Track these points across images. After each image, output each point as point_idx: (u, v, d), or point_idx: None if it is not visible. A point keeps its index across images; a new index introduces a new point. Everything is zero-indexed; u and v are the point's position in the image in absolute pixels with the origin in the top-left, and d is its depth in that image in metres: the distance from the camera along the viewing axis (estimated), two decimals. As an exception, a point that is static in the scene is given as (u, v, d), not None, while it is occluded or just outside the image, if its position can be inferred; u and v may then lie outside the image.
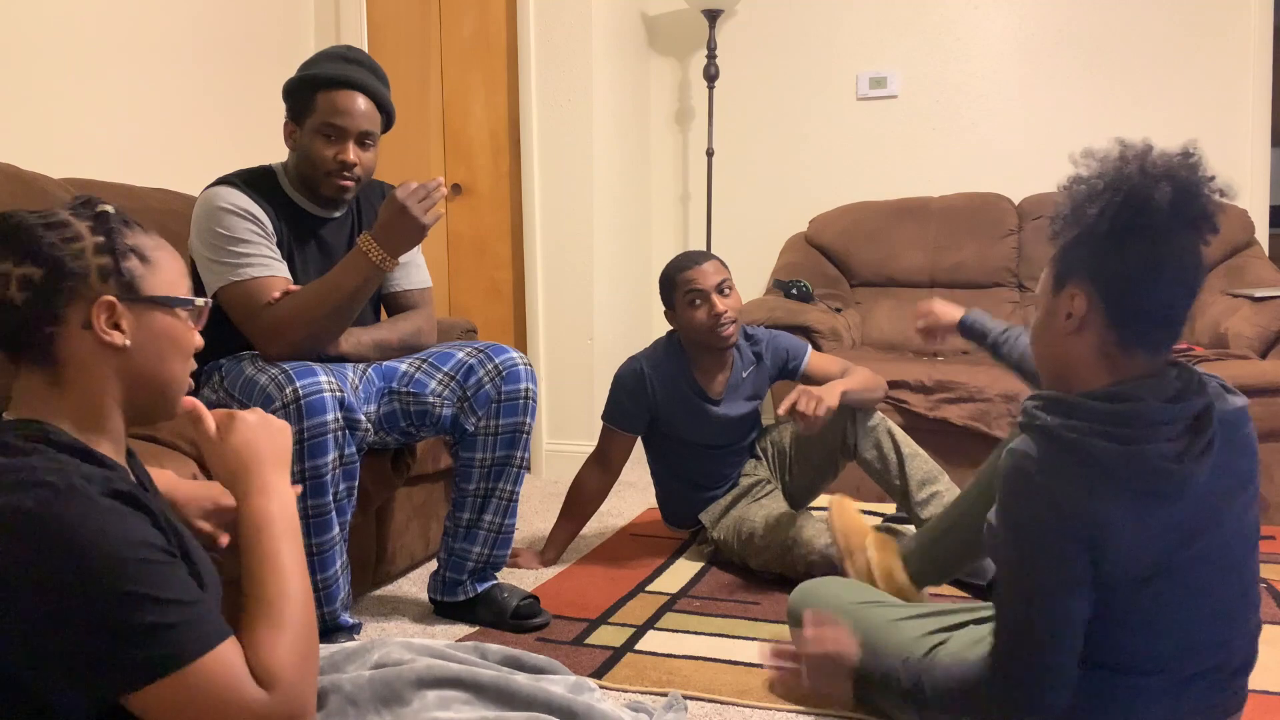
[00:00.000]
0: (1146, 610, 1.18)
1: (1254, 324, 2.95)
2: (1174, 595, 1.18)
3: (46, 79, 2.59)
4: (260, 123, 3.22)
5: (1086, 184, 1.18)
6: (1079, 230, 1.19)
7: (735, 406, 2.47)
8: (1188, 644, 1.20)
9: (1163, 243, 1.15)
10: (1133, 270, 1.15)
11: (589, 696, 1.24)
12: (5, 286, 0.95)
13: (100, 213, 1.00)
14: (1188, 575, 1.18)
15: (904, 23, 3.84)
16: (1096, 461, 1.14)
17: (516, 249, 3.63)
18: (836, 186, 3.90)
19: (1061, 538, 1.15)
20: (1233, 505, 1.20)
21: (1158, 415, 1.15)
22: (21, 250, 0.95)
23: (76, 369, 0.97)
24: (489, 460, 2.01)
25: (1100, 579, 1.16)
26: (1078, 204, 1.19)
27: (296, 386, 1.69)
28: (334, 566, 1.80)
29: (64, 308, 0.96)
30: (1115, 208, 1.15)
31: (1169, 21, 3.57)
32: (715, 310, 2.33)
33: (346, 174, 1.90)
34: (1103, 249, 1.17)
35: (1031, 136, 3.73)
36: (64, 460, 0.90)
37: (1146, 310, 1.17)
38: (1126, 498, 1.14)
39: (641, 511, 2.99)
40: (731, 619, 2.08)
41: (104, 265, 0.97)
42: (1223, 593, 1.21)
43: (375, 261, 1.81)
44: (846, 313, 3.58)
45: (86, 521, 0.85)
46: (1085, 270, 1.19)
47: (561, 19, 3.44)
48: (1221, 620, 1.22)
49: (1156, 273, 1.15)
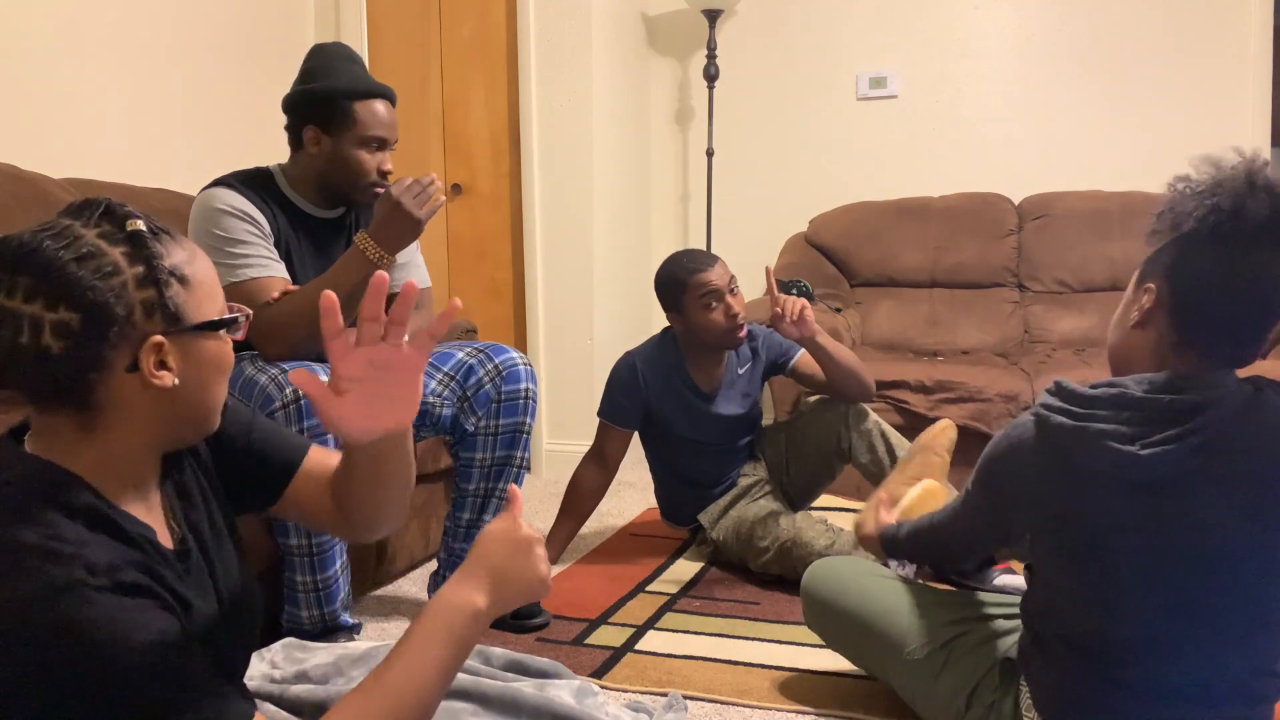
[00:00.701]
0: (1097, 585, 1.19)
1: (1254, 324, 2.94)
2: (1131, 578, 1.17)
3: (46, 79, 2.59)
4: (260, 123, 3.22)
5: (1190, 184, 1.18)
6: (1172, 231, 1.19)
7: (730, 404, 2.47)
8: (1154, 639, 1.17)
9: (1244, 254, 1.13)
10: (1206, 275, 1.15)
11: (592, 701, 1.24)
12: (38, 334, 0.82)
13: (133, 234, 0.87)
14: (1142, 560, 1.16)
15: (904, 23, 3.84)
16: (1051, 432, 1.19)
17: (516, 249, 3.63)
18: (836, 186, 3.90)
19: (1003, 486, 1.28)
20: (1231, 517, 1.14)
21: (1122, 401, 1.15)
22: (53, 292, 0.82)
23: (115, 414, 0.87)
24: (489, 460, 2.01)
25: (1048, 535, 1.23)
26: (1176, 203, 1.18)
27: (296, 387, 1.69)
28: (334, 566, 1.80)
29: (108, 353, 0.84)
30: (1207, 209, 1.14)
31: (1169, 22, 3.57)
32: (733, 311, 2.33)
33: (384, 183, 1.93)
34: (1185, 249, 1.18)
35: (1031, 136, 3.73)
36: (70, 537, 0.81)
37: (1210, 317, 1.16)
38: (1074, 470, 1.18)
39: (641, 511, 2.99)
40: (731, 619, 2.08)
41: (147, 299, 0.86)
42: (1202, 597, 1.16)
43: (373, 260, 1.81)
44: (846, 313, 3.58)
45: (97, 623, 0.77)
46: (1164, 268, 1.20)
47: (561, 19, 3.44)
48: (1204, 627, 1.16)
49: (1229, 282, 1.14)
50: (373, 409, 0.93)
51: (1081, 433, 1.16)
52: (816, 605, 1.68)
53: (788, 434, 2.54)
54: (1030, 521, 1.26)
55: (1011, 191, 3.68)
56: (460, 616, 0.92)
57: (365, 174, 1.93)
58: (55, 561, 0.78)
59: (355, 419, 0.92)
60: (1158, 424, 1.13)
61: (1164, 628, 1.17)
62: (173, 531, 0.97)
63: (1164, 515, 1.15)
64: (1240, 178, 1.14)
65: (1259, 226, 1.12)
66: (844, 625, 1.63)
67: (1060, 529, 1.21)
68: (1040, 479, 1.22)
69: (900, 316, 3.61)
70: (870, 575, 1.64)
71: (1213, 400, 1.14)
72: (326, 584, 1.79)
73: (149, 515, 0.93)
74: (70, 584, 0.77)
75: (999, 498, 1.31)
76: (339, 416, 0.92)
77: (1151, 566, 1.16)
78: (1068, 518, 1.20)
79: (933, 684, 1.45)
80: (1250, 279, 1.14)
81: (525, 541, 0.96)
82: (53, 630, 0.76)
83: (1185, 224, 1.17)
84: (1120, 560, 1.17)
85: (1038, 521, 1.25)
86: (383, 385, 0.92)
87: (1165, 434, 1.12)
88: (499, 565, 0.95)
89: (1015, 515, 1.29)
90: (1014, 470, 1.26)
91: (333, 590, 1.81)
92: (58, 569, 0.78)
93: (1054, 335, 3.45)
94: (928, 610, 1.52)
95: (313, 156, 1.94)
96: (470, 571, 0.94)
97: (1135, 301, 1.24)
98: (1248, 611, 1.17)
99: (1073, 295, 3.52)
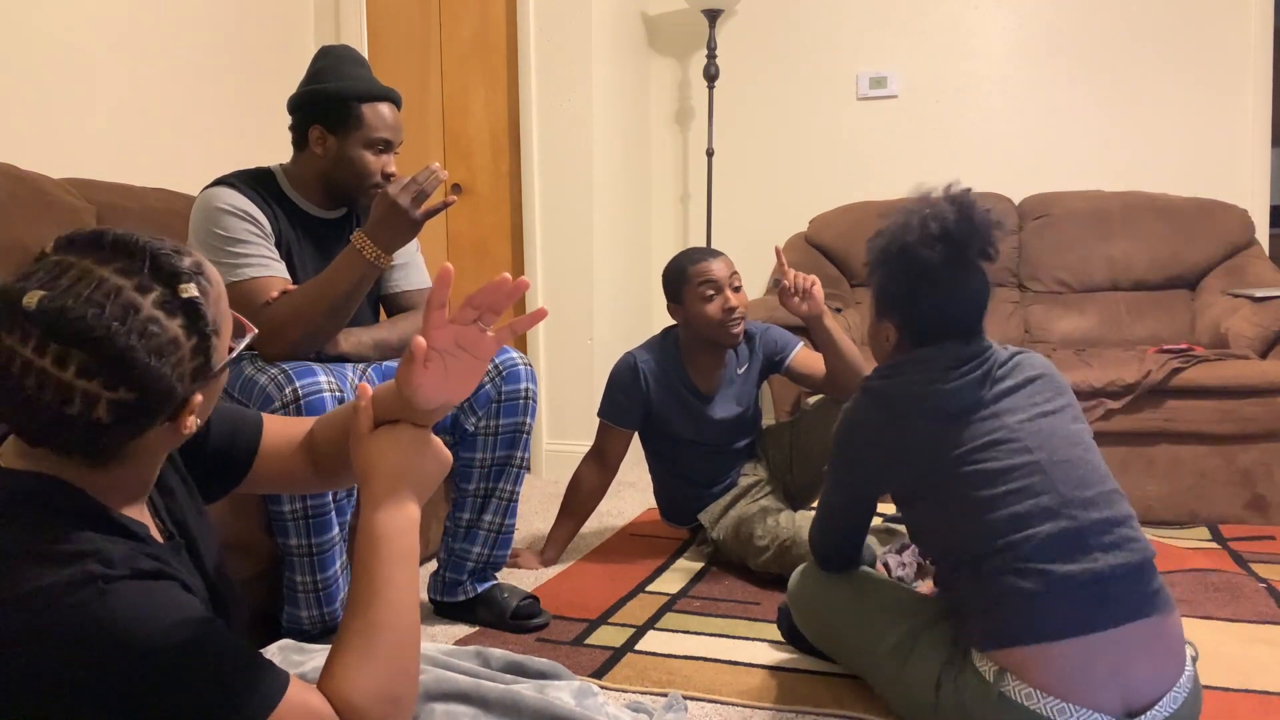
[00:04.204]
0: (963, 499, 1.39)
1: (1254, 324, 2.95)
2: (981, 482, 1.38)
3: (46, 79, 2.59)
4: (260, 123, 3.22)
5: (880, 244, 1.49)
6: (879, 280, 1.51)
7: (728, 405, 2.47)
8: (1019, 519, 1.35)
9: (946, 288, 1.45)
10: (927, 313, 1.48)
11: (592, 702, 1.24)
12: (91, 409, 0.80)
13: (188, 301, 0.85)
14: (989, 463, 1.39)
15: (904, 23, 3.84)
16: (905, 394, 1.46)
17: (516, 249, 3.63)
18: (836, 186, 3.90)
19: (866, 452, 1.52)
20: (1024, 420, 1.42)
21: (946, 360, 1.45)
22: (114, 374, 0.80)
23: (137, 457, 0.89)
24: (489, 460, 2.01)
25: (919, 480, 1.45)
26: (872, 260, 1.51)
27: (296, 386, 1.69)
28: (334, 566, 1.80)
29: (156, 422, 0.85)
30: (900, 274, 1.47)
31: (1169, 21, 3.57)
32: (729, 304, 2.33)
33: (387, 184, 1.93)
34: (901, 300, 1.49)
35: (1031, 136, 3.73)
36: (79, 538, 0.81)
37: (942, 330, 1.48)
38: (928, 416, 1.44)
39: (641, 511, 2.99)
40: (731, 619, 2.08)
41: (197, 367, 0.86)
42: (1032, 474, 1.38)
43: (370, 259, 1.81)
44: (847, 313, 3.58)
45: (125, 613, 0.78)
46: (892, 313, 1.51)
47: (561, 19, 3.44)
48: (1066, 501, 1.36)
49: (945, 309, 1.47)
50: (444, 382, 0.98)
51: (929, 387, 1.44)
52: (801, 605, 1.75)
53: (792, 434, 2.53)
54: (893, 476, 1.50)
55: (1011, 191, 3.68)
56: (408, 537, 0.97)
57: (369, 175, 1.93)
58: (70, 562, 0.79)
59: (428, 387, 0.97)
60: (967, 374, 1.43)
61: (1025, 510, 1.36)
62: (160, 528, 0.99)
63: (971, 437, 1.41)
64: (914, 242, 1.43)
65: (947, 269, 1.44)
66: (823, 623, 1.71)
67: (915, 467, 1.45)
68: (882, 435, 1.48)
69: (900, 316, 3.61)
70: (845, 575, 1.69)
71: (989, 351, 1.47)
72: (326, 584, 1.79)
73: (140, 516, 0.94)
74: (89, 578, 0.78)
75: (864, 467, 1.54)
76: (418, 383, 0.96)
77: (995, 470, 1.39)
78: (911, 457, 1.45)
79: (900, 675, 1.50)
80: (961, 296, 1.46)
81: (404, 432, 1.00)
82: (82, 628, 0.77)
83: (885, 281, 1.50)
84: (968, 473, 1.39)
85: (898, 472, 1.48)
86: (457, 362, 0.97)
87: (980, 378, 1.43)
88: (404, 465, 0.99)
89: (883, 476, 1.53)
90: (866, 440, 1.51)
91: (333, 590, 1.80)
92: (74, 568, 0.78)
93: (1054, 335, 3.45)
94: (893, 604, 1.59)
95: (317, 157, 1.94)
96: (389, 488, 0.97)
97: (880, 334, 1.54)
98: (1083, 474, 1.39)
99: (1073, 295, 3.52)
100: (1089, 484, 1.38)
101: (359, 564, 0.95)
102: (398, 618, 0.92)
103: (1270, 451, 2.74)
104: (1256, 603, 2.11)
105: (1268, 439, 2.74)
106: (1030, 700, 1.31)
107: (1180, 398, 2.77)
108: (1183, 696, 1.35)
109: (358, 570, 0.95)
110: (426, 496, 1.02)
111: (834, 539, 1.68)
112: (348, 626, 0.91)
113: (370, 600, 0.92)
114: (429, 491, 1.02)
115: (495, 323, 0.98)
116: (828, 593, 1.69)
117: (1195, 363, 2.79)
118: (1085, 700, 1.29)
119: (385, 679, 0.89)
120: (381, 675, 0.89)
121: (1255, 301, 3.02)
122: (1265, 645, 1.89)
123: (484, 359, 0.98)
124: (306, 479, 1.17)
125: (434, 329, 0.95)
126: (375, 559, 0.94)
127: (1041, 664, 1.31)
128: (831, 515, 1.66)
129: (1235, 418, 2.74)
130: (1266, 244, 3.50)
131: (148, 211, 2.33)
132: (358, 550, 0.96)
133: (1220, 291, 3.26)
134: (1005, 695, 1.33)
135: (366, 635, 0.90)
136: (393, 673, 0.90)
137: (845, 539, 1.67)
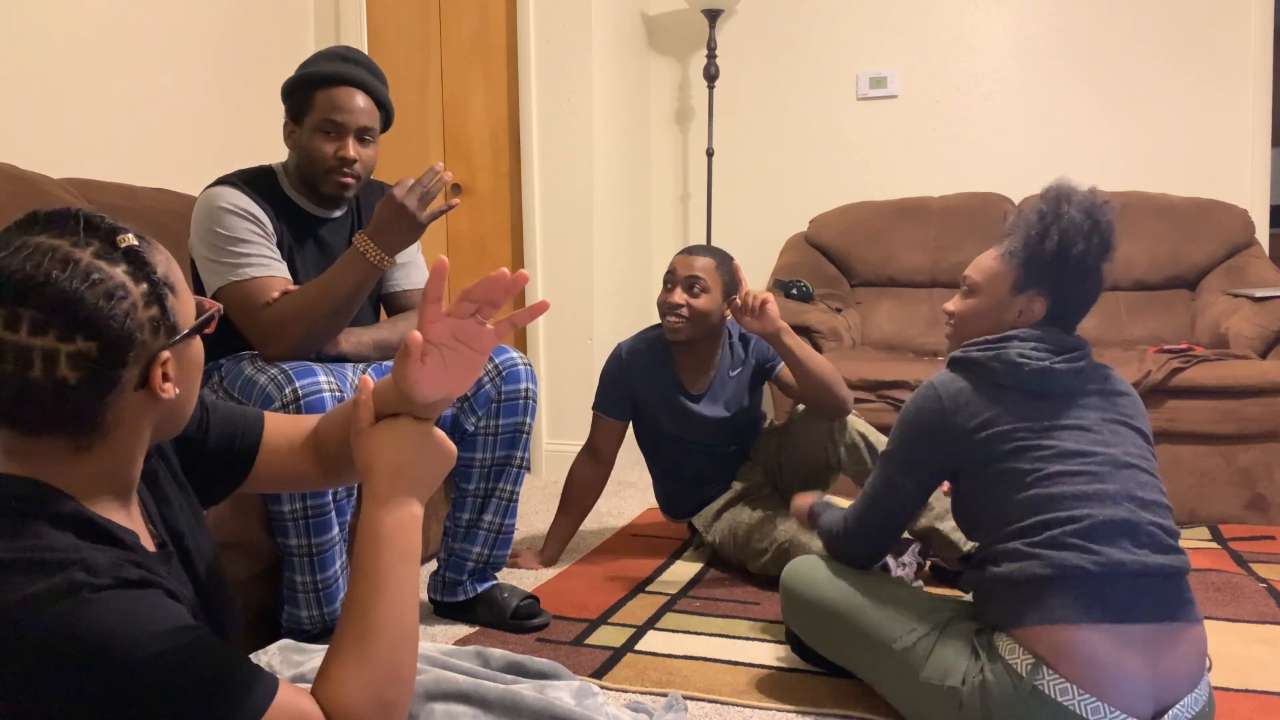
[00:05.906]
0: (1035, 470, 1.44)
1: (1254, 324, 2.95)
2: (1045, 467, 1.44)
3: (46, 79, 2.59)
4: (260, 123, 3.23)
5: (1045, 224, 1.54)
6: (1033, 253, 1.55)
7: (716, 406, 2.46)
8: (1084, 498, 1.41)
9: (1093, 279, 1.57)
10: (1082, 292, 1.57)
11: (592, 702, 1.24)
12: (52, 367, 0.79)
13: (128, 250, 0.85)
14: (1049, 448, 1.46)
15: (904, 23, 3.84)
16: (1010, 365, 1.51)
17: (516, 249, 3.63)
18: (836, 186, 3.90)
19: (934, 428, 1.54)
20: (1105, 419, 1.50)
21: (1056, 344, 1.53)
22: (67, 323, 0.80)
23: (116, 431, 0.87)
24: (489, 460, 2.01)
25: (977, 454, 1.50)
26: (1036, 233, 1.54)
27: (296, 386, 1.69)
28: (334, 566, 1.80)
29: (124, 376, 0.84)
30: (1061, 255, 1.52)
31: (1169, 22, 3.57)
32: (672, 300, 2.34)
33: (346, 170, 1.90)
34: (1065, 277, 1.55)
35: (1031, 136, 3.73)
36: (62, 545, 0.80)
37: (1080, 312, 1.59)
38: (1023, 387, 1.51)
39: (641, 511, 2.99)
40: (731, 619, 2.08)
41: (154, 317, 0.85)
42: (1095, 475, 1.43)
43: (373, 261, 1.81)
44: (847, 313, 3.58)
45: (109, 622, 0.77)
46: (1046, 286, 1.56)
47: (561, 19, 3.44)
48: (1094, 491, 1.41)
49: (1091, 294, 1.58)
50: (442, 376, 0.97)
51: (1004, 361, 1.51)
52: (795, 601, 1.71)
53: (779, 440, 2.50)
54: (967, 447, 1.51)
55: (1011, 191, 3.67)
56: (409, 535, 0.95)
57: (321, 160, 1.89)
58: (53, 570, 0.78)
59: (426, 381, 0.96)
60: (1048, 355, 1.51)
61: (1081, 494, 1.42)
62: (153, 535, 0.97)
63: (1058, 416, 1.49)
64: (1081, 220, 1.53)
65: (1098, 257, 1.54)
66: (822, 620, 1.66)
67: (994, 437, 1.48)
68: (971, 402, 1.51)
69: (900, 316, 3.61)
70: (849, 571, 1.66)
71: (1084, 344, 1.58)
72: (326, 584, 1.79)
73: (130, 522, 0.92)
74: (73, 587, 0.77)
75: (943, 435, 1.54)
76: (415, 378, 0.96)
77: (1070, 450, 1.45)
78: (996, 424, 1.48)
79: (917, 676, 1.47)
80: (1099, 284, 1.57)
81: (405, 426, 0.99)
82: (66, 639, 0.76)
83: (1051, 256, 1.54)
84: (1044, 445, 1.45)
85: (973, 442, 1.50)
86: (455, 356, 0.97)
87: (1063, 360, 1.51)
88: (405, 459, 0.98)
89: (957, 445, 1.53)
90: (955, 406, 1.53)
91: (333, 590, 1.80)
92: (57, 577, 0.77)
93: (1054, 335, 3.44)
94: (907, 604, 1.56)
95: (290, 149, 1.94)
96: (391, 484, 0.96)
97: (1017, 305, 1.58)
98: (1145, 481, 1.46)
99: (1073, 295, 3.51)
100: (1150, 490, 1.44)
101: (359, 562, 0.93)
102: (396, 619, 0.91)
103: (1270, 451, 2.75)
104: (1256, 603, 2.12)
105: (1268, 439, 2.75)
106: (1065, 696, 1.31)
107: (1180, 398, 2.78)
108: (1201, 702, 1.36)
109: (357, 568, 0.94)
110: (431, 490, 1.00)
111: (872, 524, 1.65)
112: (344, 628, 0.90)
113: (369, 600, 0.91)
114: (433, 485, 1.01)
115: (494, 316, 0.97)
116: (830, 589, 1.65)
117: (1195, 363, 2.79)
118: (1118, 701, 1.30)
119: (379, 683, 0.88)
120: (376, 679, 0.88)
121: (1255, 301, 3.02)
122: (1265, 645, 1.90)
123: (483, 352, 0.97)
124: (309, 476, 1.16)
125: (430, 322, 0.94)
126: (375, 557, 0.93)
127: (1079, 648, 1.32)
128: (881, 494, 1.62)
129: (1235, 418, 2.74)
130: (1266, 244, 3.50)
131: (148, 211, 2.33)
132: (358, 548, 0.94)
133: (1220, 291, 3.26)
134: (1039, 690, 1.32)
135: (363, 638, 0.89)
136: (388, 677, 0.89)
137: (885, 526, 1.64)
